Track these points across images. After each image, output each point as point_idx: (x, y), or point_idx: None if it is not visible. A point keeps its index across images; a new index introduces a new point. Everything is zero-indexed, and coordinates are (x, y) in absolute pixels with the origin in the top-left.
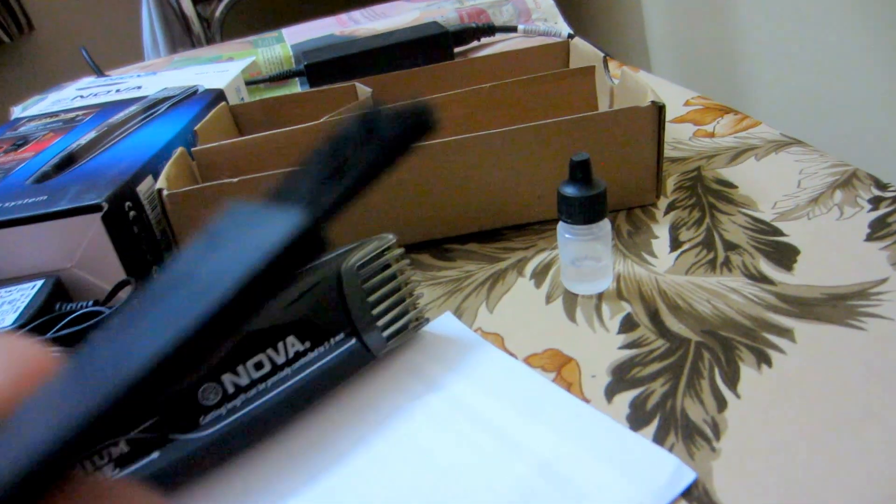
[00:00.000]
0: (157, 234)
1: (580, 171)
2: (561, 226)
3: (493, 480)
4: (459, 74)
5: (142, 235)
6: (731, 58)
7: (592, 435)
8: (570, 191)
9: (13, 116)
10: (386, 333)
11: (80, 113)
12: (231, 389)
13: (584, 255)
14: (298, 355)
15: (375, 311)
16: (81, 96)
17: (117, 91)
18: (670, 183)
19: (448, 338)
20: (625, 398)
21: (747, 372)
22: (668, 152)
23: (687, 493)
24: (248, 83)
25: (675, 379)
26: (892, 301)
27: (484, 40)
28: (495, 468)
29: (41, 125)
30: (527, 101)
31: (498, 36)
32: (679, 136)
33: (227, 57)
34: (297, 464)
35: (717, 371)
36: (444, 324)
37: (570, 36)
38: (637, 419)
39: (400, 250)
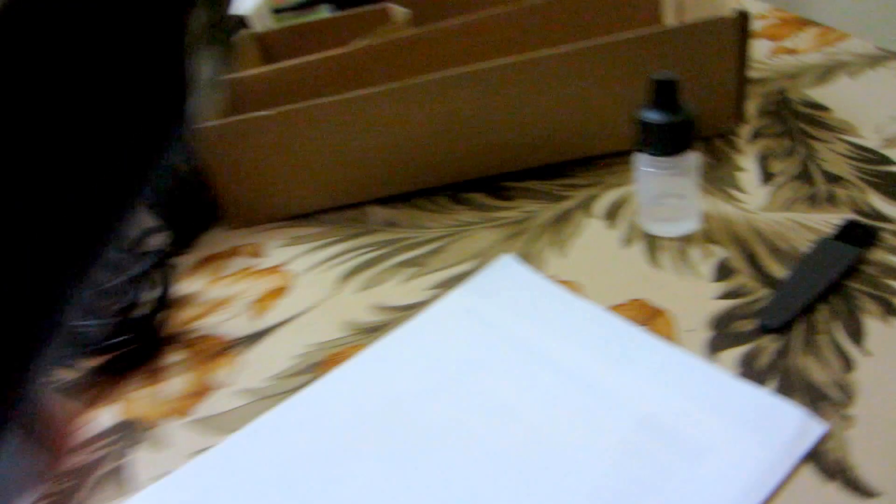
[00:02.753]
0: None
1: (664, 94)
2: (640, 158)
3: (591, 439)
4: None
5: None
6: None
7: (700, 386)
8: (652, 117)
9: None
10: None
11: None
12: None
13: (667, 191)
14: None
15: None
16: None
17: None
18: (751, 108)
19: (515, 284)
20: (732, 355)
21: (874, 325)
22: None
23: (819, 457)
24: (274, 11)
25: (788, 335)
26: None
27: None
28: (592, 425)
29: None
30: (584, 18)
31: None
32: (755, 56)
33: None
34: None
35: (837, 326)
36: (505, 269)
37: None
38: (750, 378)
39: None
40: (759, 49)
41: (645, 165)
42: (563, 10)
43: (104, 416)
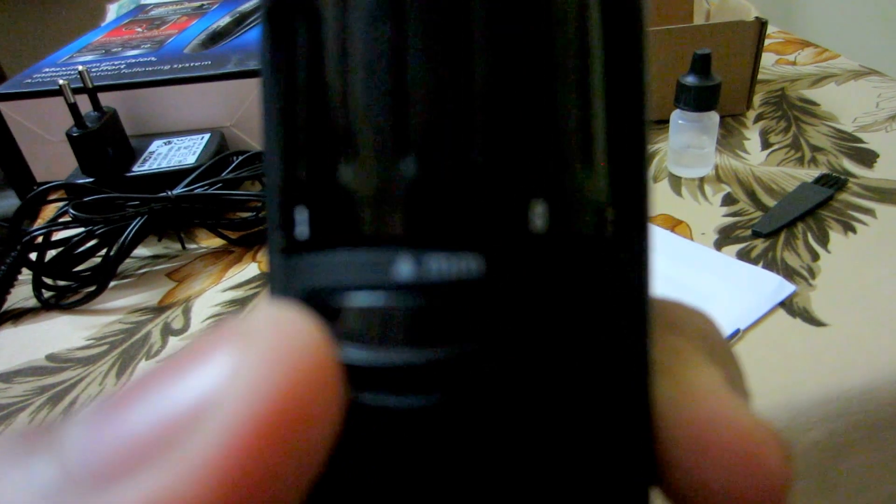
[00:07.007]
0: None
1: (701, 64)
2: (676, 114)
3: None
4: None
5: None
6: None
7: (709, 262)
8: (689, 80)
9: (109, 12)
10: None
11: (205, 2)
12: None
13: (692, 142)
14: None
15: None
16: None
17: None
18: (756, 99)
19: None
20: (732, 249)
21: (836, 236)
22: None
23: (789, 305)
24: None
25: (773, 239)
26: None
27: None
28: None
29: (171, 10)
30: None
31: None
32: (762, 63)
33: None
34: None
35: (809, 235)
36: None
37: None
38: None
39: None
40: (766, 59)
41: (679, 119)
42: None
43: (250, 268)
